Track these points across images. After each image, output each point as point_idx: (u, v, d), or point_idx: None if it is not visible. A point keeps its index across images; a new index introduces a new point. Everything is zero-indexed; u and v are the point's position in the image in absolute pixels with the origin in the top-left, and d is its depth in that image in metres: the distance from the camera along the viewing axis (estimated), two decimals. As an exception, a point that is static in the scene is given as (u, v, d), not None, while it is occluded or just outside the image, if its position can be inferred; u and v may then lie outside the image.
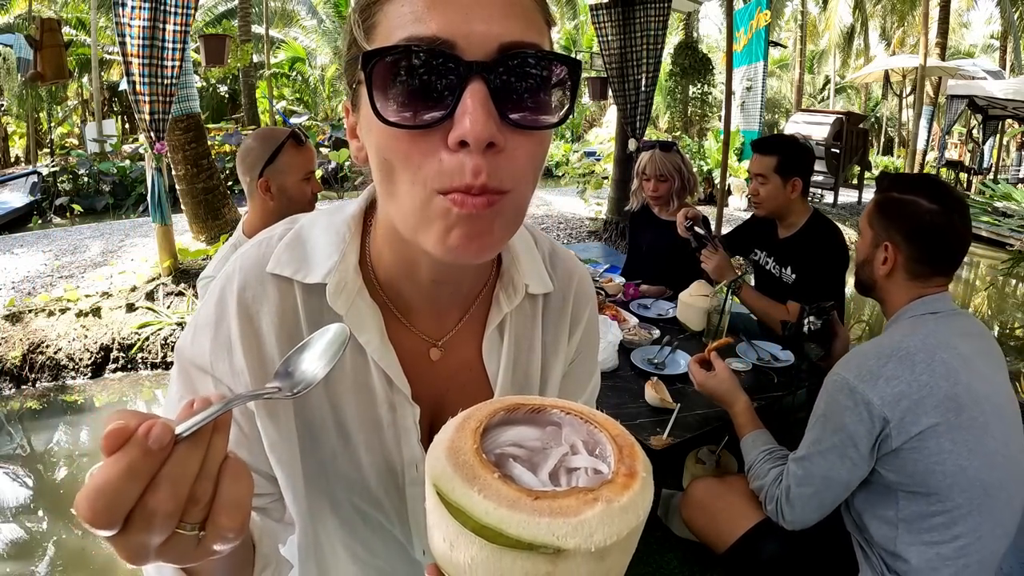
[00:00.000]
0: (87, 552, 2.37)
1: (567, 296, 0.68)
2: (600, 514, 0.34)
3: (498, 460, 0.39)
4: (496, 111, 0.42)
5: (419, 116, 0.42)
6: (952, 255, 1.35)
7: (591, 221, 7.22)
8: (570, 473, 0.40)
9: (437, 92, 0.42)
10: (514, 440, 0.41)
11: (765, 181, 2.28)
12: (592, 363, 0.74)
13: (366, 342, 0.57)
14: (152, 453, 0.32)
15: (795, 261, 2.29)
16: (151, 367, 3.80)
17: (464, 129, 0.41)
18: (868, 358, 1.26)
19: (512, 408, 0.43)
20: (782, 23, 20.28)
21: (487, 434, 0.40)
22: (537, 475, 0.39)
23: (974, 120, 13.50)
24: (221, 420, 0.36)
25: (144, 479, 0.32)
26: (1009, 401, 1.28)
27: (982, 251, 7.94)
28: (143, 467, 0.32)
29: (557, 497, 0.35)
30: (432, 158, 0.43)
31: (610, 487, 0.36)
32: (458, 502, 0.35)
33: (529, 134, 0.45)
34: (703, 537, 1.64)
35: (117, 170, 8.54)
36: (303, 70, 17.40)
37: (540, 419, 0.44)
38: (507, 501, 0.34)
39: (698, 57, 12.21)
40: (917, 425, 1.19)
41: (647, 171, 2.78)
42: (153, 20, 3.59)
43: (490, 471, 0.36)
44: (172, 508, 0.33)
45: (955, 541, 1.21)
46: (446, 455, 0.37)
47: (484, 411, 0.41)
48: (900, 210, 1.36)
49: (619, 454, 0.39)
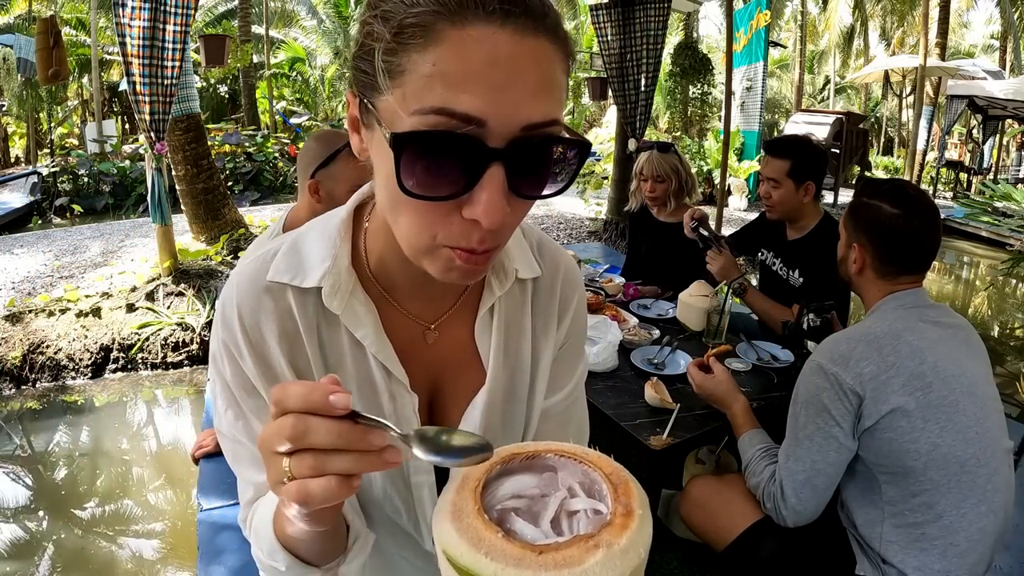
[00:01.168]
0: (87, 552, 2.37)
1: (555, 283, 0.70)
2: (603, 560, 0.36)
3: (500, 516, 0.41)
4: (508, 189, 0.45)
5: (437, 190, 0.45)
6: (915, 255, 1.43)
7: (591, 221, 7.22)
8: (571, 517, 0.41)
9: (458, 169, 0.44)
10: (514, 491, 0.43)
11: (777, 185, 2.23)
12: (580, 350, 0.77)
13: (362, 337, 0.59)
14: (328, 408, 0.39)
15: (803, 264, 2.28)
16: (151, 367, 3.80)
17: (479, 213, 0.45)
18: (840, 344, 1.34)
19: (508, 459, 0.45)
20: (782, 23, 20.28)
21: (487, 489, 0.42)
22: (539, 525, 0.40)
23: (974, 120, 13.50)
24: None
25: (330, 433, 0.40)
26: (982, 383, 1.33)
27: (982, 251, 7.94)
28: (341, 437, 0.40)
29: (560, 549, 0.37)
30: (444, 220, 0.47)
31: (609, 530, 0.38)
32: (468, 567, 0.37)
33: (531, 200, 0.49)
34: (702, 535, 1.65)
35: (117, 170, 8.54)
36: (303, 70, 17.40)
37: (536, 465, 0.46)
38: (513, 560, 0.36)
39: (698, 57, 12.21)
40: (887, 403, 1.24)
41: (644, 172, 2.79)
42: (153, 20, 3.59)
43: (494, 531, 0.37)
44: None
45: (939, 520, 1.24)
46: (450, 520, 0.39)
47: (481, 468, 0.43)
48: (866, 214, 1.46)
49: (614, 493, 0.41)
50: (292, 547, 0.54)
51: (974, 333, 1.42)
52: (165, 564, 2.31)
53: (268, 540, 0.55)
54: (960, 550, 1.24)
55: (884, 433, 1.26)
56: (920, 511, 1.26)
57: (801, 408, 1.36)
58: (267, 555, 0.56)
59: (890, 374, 1.25)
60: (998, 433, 1.30)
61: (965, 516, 1.24)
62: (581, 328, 0.75)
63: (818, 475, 1.33)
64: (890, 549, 1.30)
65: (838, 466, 1.33)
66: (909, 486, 1.27)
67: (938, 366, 1.26)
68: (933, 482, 1.24)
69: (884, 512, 1.31)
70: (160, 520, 2.55)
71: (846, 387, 1.27)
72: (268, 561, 0.56)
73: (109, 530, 2.48)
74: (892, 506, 1.30)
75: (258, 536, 0.58)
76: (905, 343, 1.28)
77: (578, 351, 0.76)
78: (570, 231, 7.01)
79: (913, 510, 1.27)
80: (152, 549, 2.40)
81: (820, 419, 1.31)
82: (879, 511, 1.32)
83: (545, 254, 0.71)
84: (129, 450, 3.16)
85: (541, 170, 0.47)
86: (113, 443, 3.21)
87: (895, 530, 1.29)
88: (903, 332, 1.30)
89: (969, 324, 1.43)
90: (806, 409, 1.34)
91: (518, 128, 0.44)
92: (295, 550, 0.55)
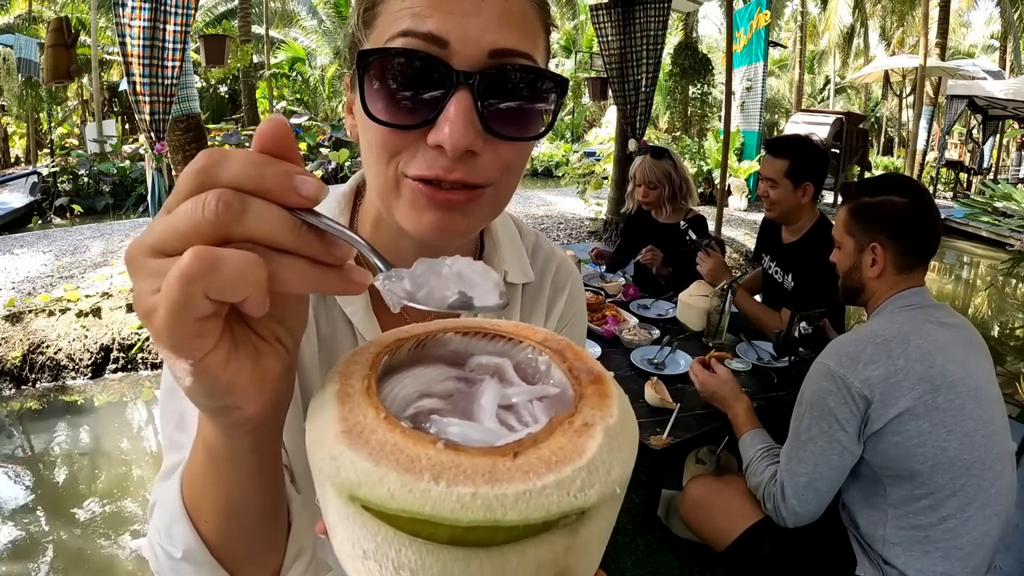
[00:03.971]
0: (87, 552, 2.37)
1: (544, 282, 0.70)
2: (606, 442, 0.25)
3: (416, 425, 0.27)
4: (479, 120, 0.43)
5: (404, 116, 0.43)
6: (931, 243, 1.44)
7: (591, 221, 7.22)
8: (515, 410, 0.29)
9: (424, 95, 0.43)
10: (419, 390, 0.31)
11: (775, 184, 2.23)
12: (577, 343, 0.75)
13: (351, 313, 0.59)
14: (288, 191, 0.27)
15: (796, 268, 2.27)
16: (151, 367, 3.80)
17: (443, 136, 0.42)
18: (847, 345, 1.32)
19: (393, 347, 0.32)
20: (782, 23, 20.28)
21: (379, 391, 0.29)
22: (483, 422, 0.28)
23: (974, 120, 13.50)
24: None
25: (254, 198, 0.27)
26: (989, 384, 1.32)
27: (982, 251, 7.94)
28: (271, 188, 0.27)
29: (540, 442, 0.24)
30: (410, 148, 0.45)
31: (589, 404, 0.27)
32: (409, 509, 0.22)
33: (509, 142, 0.46)
34: (701, 535, 1.65)
35: (117, 170, 8.54)
36: (303, 70, 17.39)
37: (434, 352, 0.34)
38: (484, 475, 0.23)
39: (698, 57, 12.22)
40: (895, 407, 1.23)
41: (637, 177, 2.81)
42: (153, 20, 3.59)
43: (429, 442, 0.24)
44: (250, 257, 0.26)
45: (943, 523, 1.24)
46: (349, 443, 0.24)
47: (364, 363, 0.30)
48: (878, 212, 1.44)
49: (562, 360, 0.30)
50: (200, 515, 0.40)
51: (976, 333, 1.41)
52: (165, 564, 2.31)
53: (171, 505, 0.42)
54: (963, 553, 1.24)
55: (891, 436, 1.24)
56: (925, 514, 1.25)
57: (806, 410, 1.34)
58: (164, 531, 0.42)
59: (899, 377, 1.24)
60: (1003, 436, 1.29)
61: (969, 520, 1.23)
62: (573, 327, 0.74)
63: (820, 478, 1.32)
64: (892, 551, 1.29)
65: (841, 470, 1.32)
66: (914, 489, 1.26)
67: (946, 369, 1.25)
68: (939, 485, 1.23)
69: (888, 514, 1.30)
70: (160, 520, 2.55)
71: (854, 391, 1.25)
72: (164, 544, 0.42)
73: (109, 530, 2.48)
74: (896, 508, 1.29)
75: (162, 508, 0.43)
76: (914, 346, 1.26)
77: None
78: (570, 231, 7.01)
79: (918, 513, 1.26)
80: (152, 549, 2.40)
81: (824, 422, 1.29)
82: (883, 513, 1.31)
83: (539, 257, 0.71)
84: (129, 450, 3.15)
85: (513, 104, 0.45)
86: (113, 443, 3.21)
87: (898, 532, 1.29)
88: (912, 335, 1.28)
89: (971, 324, 1.42)
90: (811, 412, 1.33)
91: (485, 53, 0.43)
92: (203, 522, 0.40)
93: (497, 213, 0.52)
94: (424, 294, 0.30)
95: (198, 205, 0.26)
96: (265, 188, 0.27)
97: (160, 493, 0.47)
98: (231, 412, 0.32)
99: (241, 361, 0.30)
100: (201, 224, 0.26)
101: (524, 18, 0.46)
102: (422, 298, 0.30)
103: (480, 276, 0.31)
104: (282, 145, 0.28)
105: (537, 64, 0.47)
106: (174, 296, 0.25)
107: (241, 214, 0.26)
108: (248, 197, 0.27)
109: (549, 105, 0.47)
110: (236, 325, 0.31)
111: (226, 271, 0.25)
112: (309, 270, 0.29)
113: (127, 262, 0.28)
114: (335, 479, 0.24)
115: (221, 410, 0.32)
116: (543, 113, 0.47)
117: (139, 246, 0.27)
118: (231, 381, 0.30)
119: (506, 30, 0.44)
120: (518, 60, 0.45)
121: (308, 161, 9.93)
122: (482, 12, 0.44)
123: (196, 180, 0.27)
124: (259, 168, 0.27)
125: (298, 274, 0.28)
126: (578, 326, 0.75)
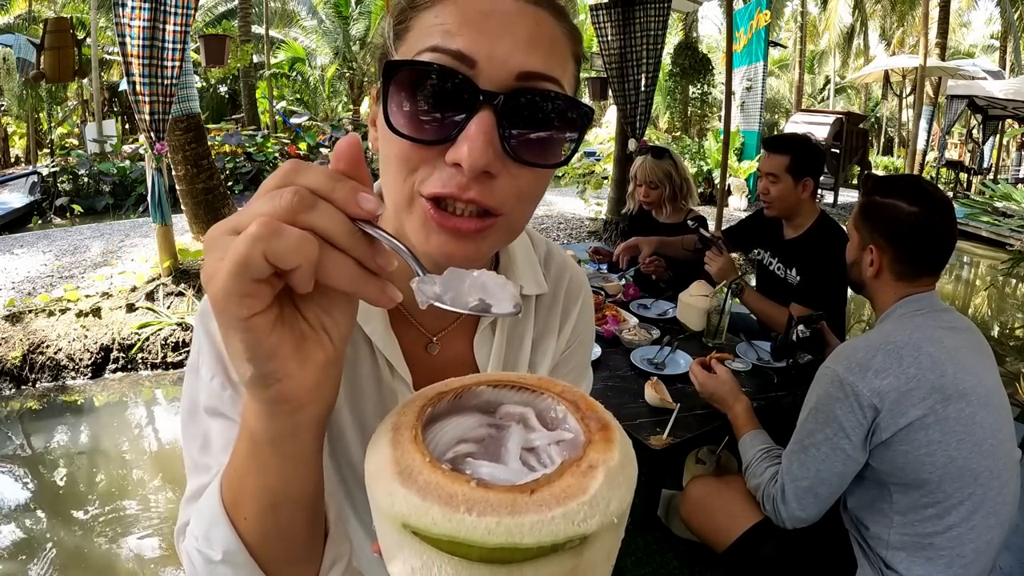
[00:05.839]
0: (87, 552, 2.37)
1: (558, 294, 0.71)
2: (606, 481, 0.31)
3: (454, 466, 0.33)
4: (499, 141, 0.43)
5: (425, 132, 0.43)
6: (936, 255, 1.38)
7: (591, 221, 7.23)
8: (536, 452, 0.35)
9: (447, 112, 0.43)
10: (456, 436, 0.36)
11: (776, 180, 2.25)
12: (582, 361, 0.76)
13: (371, 332, 0.59)
14: (352, 203, 0.32)
15: (801, 263, 2.28)
16: (151, 367, 3.80)
17: (461, 154, 0.42)
18: (857, 351, 1.28)
19: (434, 400, 0.38)
20: (782, 23, 20.28)
21: (424, 438, 0.35)
22: (508, 464, 0.34)
23: (974, 120, 13.49)
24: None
25: (321, 206, 0.31)
26: (996, 390, 1.30)
27: (982, 251, 7.94)
28: (333, 196, 0.32)
29: (553, 481, 0.30)
30: (428, 165, 0.44)
31: (595, 449, 0.33)
32: (448, 534, 0.29)
33: (529, 168, 0.45)
34: (701, 536, 1.65)
35: (117, 170, 8.54)
36: (303, 70, 17.39)
37: (469, 403, 0.39)
38: (506, 508, 0.29)
39: (698, 57, 12.22)
40: (905, 417, 1.21)
41: (638, 177, 2.81)
42: (153, 20, 3.59)
43: (464, 481, 0.30)
44: (309, 246, 0.30)
45: (948, 531, 1.23)
46: (401, 482, 0.31)
47: (411, 414, 0.36)
48: (882, 213, 1.40)
49: (576, 410, 0.36)
50: (239, 511, 0.41)
51: (982, 336, 1.39)
52: (165, 564, 2.31)
53: (209, 509, 0.43)
54: (966, 561, 1.23)
55: (900, 446, 1.22)
56: (931, 522, 1.24)
57: (810, 414, 1.32)
58: (202, 536, 0.43)
59: (910, 386, 1.21)
60: (1009, 446, 1.28)
61: (974, 528, 1.22)
62: (584, 337, 0.75)
63: (822, 484, 1.31)
64: (895, 556, 1.28)
65: (844, 476, 1.31)
66: (921, 497, 1.24)
67: (957, 378, 1.22)
68: (946, 494, 1.22)
69: (893, 520, 1.29)
70: (160, 520, 2.55)
71: (863, 399, 1.22)
72: (203, 548, 0.43)
73: (109, 530, 2.48)
74: (902, 515, 1.27)
75: (198, 515, 0.45)
76: (926, 354, 1.23)
77: (580, 361, 0.75)
78: (570, 231, 7.01)
79: (923, 521, 1.25)
80: (152, 549, 2.39)
81: (829, 429, 1.27)
82: (887, 519, 1.29)
83: (552, 267, 0.71)
84: (129, 450, 3.15)
85: (536, 129, 0.44)
86: (113, 443, 3.21)
87: (903, 538, 1.27)
88: (923, 342, 1.25)
89: (976, 327, 1.40)
90: (815, 416, 1.30)
91: (512, 75, 0.43)
92: (242, 519, 0.41)
93: (508, 242, 0.51)
94: (450, 297, 0.36)
95: (276, 194, 0.31)
96: (334, 197, 0.32)
97: (191, 510, 0.48)
98: (270, 384, 0.34)
99: (284, 334, 0.34)
100: (276, 208, 0.30)
101: (553, 43, 0.46)
102: (448, 300, 0.35)
103: (500, 288, 0.36)
104: (354, 163, 0.34)
105: (564, 90, 0.46)
106: (238, 252, 0.29)
107: (310, 208, 0.31)
108: (319, 198, 0.31)
109: (572, 134, 0.46)
110: (286, 306, 0.35)
111: (285, 238, 0.29)
112: (354, 269, 0.33)
113: (206, 240, 0.32)
114: (390, 511, 0.31)
115: (261, 379, 0.34)
116: (565, 141, 0.46)
117: (220, 227, 0.32)
118: (273, 348, 0.33)
119: (535, 53, 0.44)
120: (545, 84, 0.44)
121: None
122: (512, 33, 0.44)
123: (279, 181, 0.32)
124: (332, 181, 0.32)
125: (343, 270, 0.32)
126: (588, 335, 0.76)
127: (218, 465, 0.50)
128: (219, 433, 0.53)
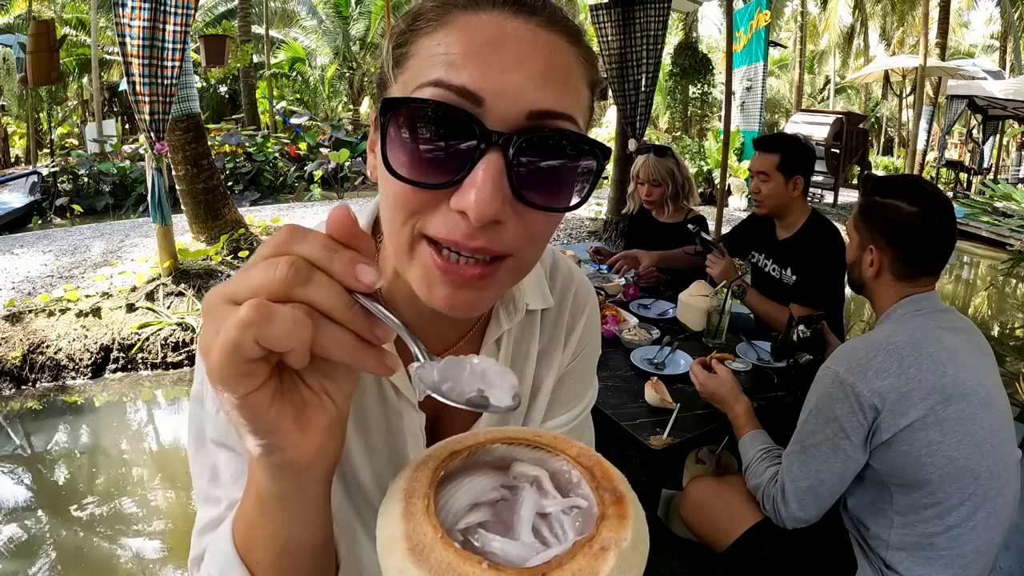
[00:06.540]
0: (87, 552, 2.37)
1: (564, 307, 0.69)
2: (618, 564, 0.30)
3: (467, 539, 0.33)
4: (508, 186, 0.40)
5: (428, 175, 0.40)
6: (936, 255, 1.38)
7: (591, 221, 7.22)
8: (548, 520, 0.35)
9: (452, 153, 0.39)
10: (470, 501, 0.36)
11: (767, 179, 2.27)
12: (587, 375, 0.74)
13: None
14: (349, 276, 0.31)
15: (795, 262, 2.28)
16: (151, 367, 3.80)
17: (468, 203, 0.39)
18: (857, 352, 1.28)
19: (447, 460, 0.37)
20: (782, 23, 20.27)
21: (437, 504, 0.35)
22: (519, 538, 0.33)
23: (974, 120, 13.49)
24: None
25: (316, 276, 0.31)
26: (997, 391, 1.30)
27: (982, 251, 7.94)
28: (331, 268, 0.31)
29: (564, 564, 0.30)
30: (431, 208, 0.41)
31: (607, 526, 0.32)
32: None
33: (539, 211, 0.42)
34: (702, 536, 1.65)
35: (117, 170, 8.54)
36: (303, 70, 17.39)
37: (483, 461, 0.38)
38: None
39: (698, 57, 12.22)
40: (906, 417, 1.21)
41: (640, 176, 2.80)
42: (153, 20, 3.59)
43: (476, 563, 0.30)
44: (304, 326, 0.30)
45: (949, 532, 1.23)
46: (413, 560, 0.30)
47: (424, 479, 0.35)
48: (882, 214, 1.40)
49: (591, 477, 0.35)
50: (252, 556, 0.42)
51: (982, 336, 1.39)
52: (165, 564, 2.31)
53: (222, 551, 0.44)
54: (966, 561, 1.23)
55: (900, 446, 1.22)
56: (931, 522, 1.24)
57: (811, 415, 1.32)
58: (219, 574, 0.44)
59: (911, 387, 1.21)
60: (1010, 446, 1.28)
61: (974, 528, 1.22)
62: (590, 348, 0.74)
63: (822, 484, 1.31)
64: (896, 556, 1.28)
65: (843, 477, 1.31)
66: (922, 498, 1.24)
67: (958, 378, 1.23)
68: (947, 495, 1.22)
69: (893, 520, 1.29)
70: (160, 520, 2.55)
71: (863, 400, 1.23)
72: None
73: (109, 530, 2.48)
74: (902, 516, 1.28)
75: (212, 554, 0.46)
76: (926, 355, 1.23)
77: (585, 375, 0.74)
78: (570, 231, 7.01)
79: (924, 521, 1.25)
80: (152, 549, 2.39)
81: (829, 429, 1.27)
82: (888, 519, 1.30)
83: (558, 279, 0.69)
84: (129, 450, 3.15)
85: (548, 171, 0.41)
86: (113, 443, 3.21)
87: (903, 538, 1.27)
88: (924, 343, 1.25)
89: (976, 327, 1.40)
90: (816, 417, 1.31)
91: (523, 114, 0.40)
92: (255, 563, 0.42)
93: (514, 284, 0.49)
94: (448, 387, 0.35)
95: (272, 264, 0.30)
96: (331, 268, 0.31)
97: (205, 543, 0.50)
98: (274, 452, 0.35)
99: (284, 407, 0.33)
100: (271, 281, 0.30)
101: (568, 75, 0.43)
102: (446, 390, 0.35)
103: (499, 377, 0.36)
104: (348, 234, 0.32)
105: (578, 127, 0.43)
106: (228, 336, 0.29)
107: (306, 281, 0.30)
108: (315, 269, 0.31)
109: (587, 174, 0.43)
110: (286, 375, 0.34)
111: (276, 324, 0.29)
112: (351, 342, 0.32)
113: (204, 306, 0.32)
114: None
115: (265, 448, 0.34)
116: (580, 182, 0.43)
117: (217, 294, 0.31)
118: (273, 422, 0.33)
119: (548, 89, 0.41)
120: (558, 123, 0.41)
121: (308, 161, 9.93)
122: (523, 67, 0.40)
123: (275, 249, 0.31)
124: (330, 251, 0.31)
125: (341, 344, 0.32)
126: (594, 345, 0.75)
127: (228, 498, 0.52)
128: (226, 465, 0.53)
